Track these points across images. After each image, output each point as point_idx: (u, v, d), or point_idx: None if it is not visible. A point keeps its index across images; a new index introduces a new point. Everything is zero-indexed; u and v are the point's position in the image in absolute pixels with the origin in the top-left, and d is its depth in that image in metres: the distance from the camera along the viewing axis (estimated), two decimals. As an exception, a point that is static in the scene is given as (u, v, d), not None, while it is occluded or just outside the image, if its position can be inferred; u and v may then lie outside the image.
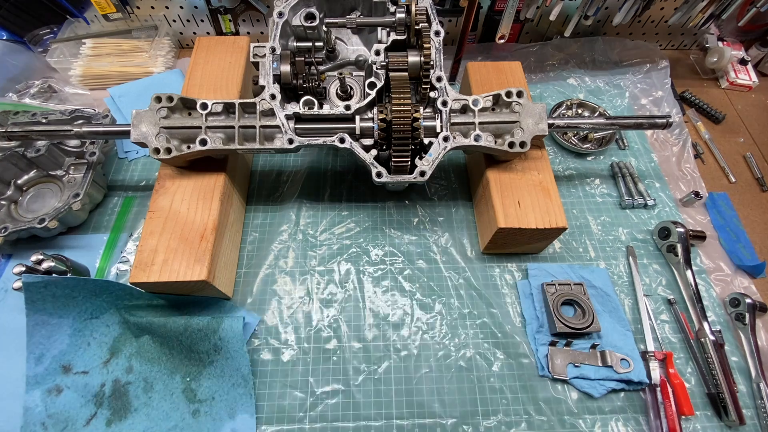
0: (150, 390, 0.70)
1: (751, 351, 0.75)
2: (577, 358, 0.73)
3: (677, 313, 0.79)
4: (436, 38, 0.73)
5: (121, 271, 0.81)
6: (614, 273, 0.83)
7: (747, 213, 0.94)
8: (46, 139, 0.79)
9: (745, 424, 0.69)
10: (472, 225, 0.87)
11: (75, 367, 0.70)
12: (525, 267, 0.83)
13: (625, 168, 0.95)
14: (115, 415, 0.68)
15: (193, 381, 0.70)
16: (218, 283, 0.71)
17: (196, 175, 0.76)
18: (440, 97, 0.72)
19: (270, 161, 0.95)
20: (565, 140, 0.98)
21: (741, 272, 0.86)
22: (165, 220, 0.71)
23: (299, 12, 0.75)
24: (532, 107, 0.74)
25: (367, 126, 0.70)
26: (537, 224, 0.73)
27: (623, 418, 0.70)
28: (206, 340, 0.70)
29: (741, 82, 1.14)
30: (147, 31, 1.08)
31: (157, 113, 0.71)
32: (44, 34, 1.07)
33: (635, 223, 0.90)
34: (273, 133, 0.72)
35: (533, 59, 1.14)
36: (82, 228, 0.85)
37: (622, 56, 1.15)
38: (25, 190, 0.85)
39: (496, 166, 0.80)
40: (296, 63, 0.72)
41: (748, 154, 1.03)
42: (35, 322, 0.70)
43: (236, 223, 0.82)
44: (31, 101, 1.00)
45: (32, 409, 0.67)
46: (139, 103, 0.76)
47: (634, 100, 1.10)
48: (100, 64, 1.03)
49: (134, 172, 0.92)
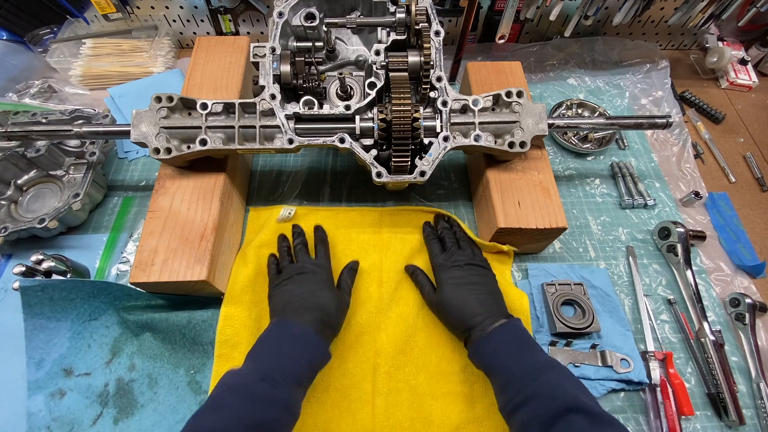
0: (155, 385, 0.70)
1: (751, 351, 0.75)
2: (577, 358, 0.73)
3: (677, 313, 0.79)
4: (436, 38, 0.73)
5: (122, 271, 0.81)
6: (614, 273, 0.83)
7: (747, 213, 0.94)
8: (46, 139, 0.79)
9: (745, 424, 0.69)
10: (472, 225, 0.87)
11: (77, 370, 0.70)
12: (525, 267, 0.83)
13: (625, 168, 0.95)
14: (121, 413, 0.68)
15: (198, 373, 0.71)
16: (218, 283, 0.71)
17: (196, 175, 0.76)
18: (440, 97, 0.72)
19: (270, 161, 0.95)
20: (565, 140, 0.98)
21: (741, 272, 0.86)
22: (165, 220, 0.71)
23: (299, 12, 0.75)
24: (532, 107, 0.74)
25: (367, 126, 0.70)
26: (537, 224, 0.73)
27: (623, 418, 0.70)
28: (210, 330, 0.70)
29: (741, 82, 1.14)
30: (147, 31, 1.08)
31: (157, 113, 0.71)
32: (44, 34, 1.07)
33: (635, 223, 0.90)
34: (273, 133, 0.72)
35: (533, 59, 1.14)
36: (82, 228, 0.85)
37: (622, 56, 1.15)
38: (25, 190, 0.85)
39: (496, 166, 0.80)
40: (296, 63, 0.72)
41: (748, 154, 1.03)
42: (33, 327, 0.70)
43: (236, 223, 0.82)
44: (31, 101, 1.00)
45: (36, 414, 0.66)
46: (139, 103, 0.76)
47: (634, 100, 1.10)
48: (100, 64, 1.03)
49: (134, 172, 0.92)
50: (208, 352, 0.71)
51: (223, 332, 0.70)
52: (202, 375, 0.70)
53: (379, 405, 0.68)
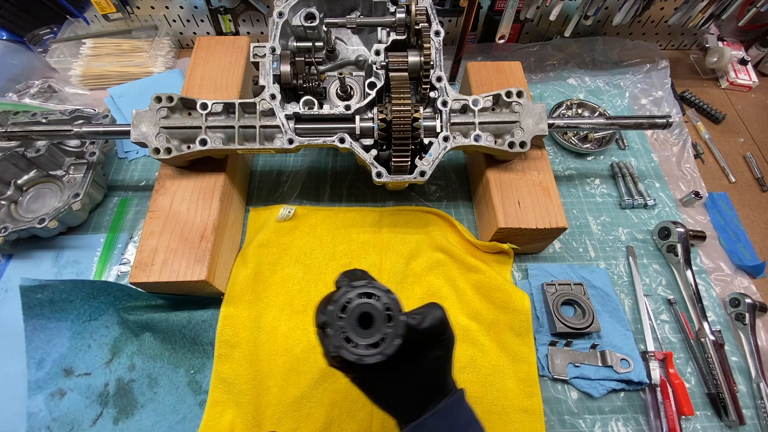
0: (155, 385, 0.70)
1: (751, 351, 0.75)
2: (577, 358, 0.73)
3: (677, 313, 0.79)
4: (436, 38, 0.73)
5: (122, 272, 0.81)
6: (614, 273, 0.83)
7: (747, 213, 0.94)
8: (46, 139, 0.79)
9: (745, 424, 0.69)
10: (472, 225, 0.87)
11: (77, 370, 0.70)
12: (525, 267, 0.83)
13: (625, 168, 0.95)
14: (121, 413, 0.68)
15: (198, 373, 0.71)
16: (218, 283, 0.71)
17: (196, 175, 0.76)
18: (440, 97, 0.72)
19: (270, 161, 0.95)
20: (565, 140, 0.98)
21: (741, 272, 0.86)
22: (165, 220, 0.71)
23: (299, 12, 0.75)
24: (532, 107, 0.74)
25: (367, 126, 0.70)
26: (537, 224, 0.73)
27: (623, 418, 0.70)
28: (210, 330, 0.70)
29: (741, 82, 1.14)
30: (147, 31, 1.08)
31: (157, 113, 0.71)
32: (44, 34, 1.07)
33: (635, 223, 0.90)
34: (273, 133, 0.72)
35: (533, 59, 1.14)
36: (82, 228, 0.85)
37: (622, 56, 1.15)
38: (25, 190, 0.85)
39: (496, 166, 0.80)
40: (296, 63, 0.72)
41: (748, 154, 1.03)
42: (33, 327, 0.70)
43: (236, 223, 0.82)
44: (31, 101, 1.00)
45: (36, 414, 0.67)
46: (139, 103, 0.76)
47: (634, 100, 1.10)
48: (100, 64, 1.03)
49: (134, 172, 0.92)
50: (208, 352, 0.71)
51: (223, 332, 0.70)
52: (202, 375, 0.70)
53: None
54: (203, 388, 0.69)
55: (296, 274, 0.78)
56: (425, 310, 0.44)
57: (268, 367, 0.70)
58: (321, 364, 0.70)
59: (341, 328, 0.40)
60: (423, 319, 0.43)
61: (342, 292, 0.40)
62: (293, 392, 0.69)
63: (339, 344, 0.39)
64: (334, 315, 0.40)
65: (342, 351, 0.39)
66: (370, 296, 0.40)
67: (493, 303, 0.75)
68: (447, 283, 0.78)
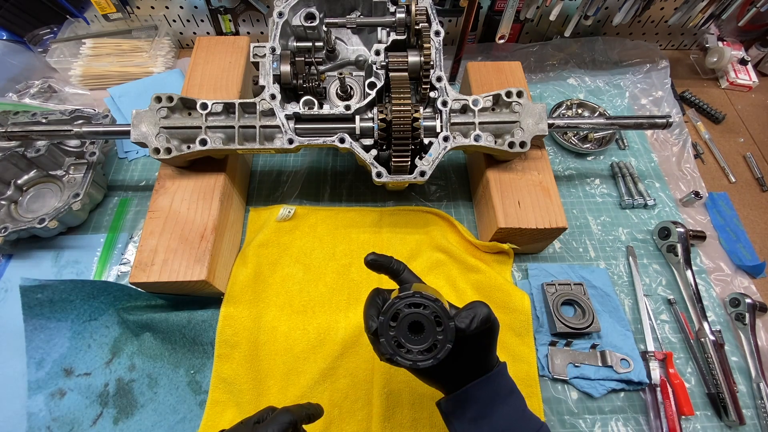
0: (155, 385, 0.70)
1: (751, 351, 0.75)
2: (577, 358, 0.73)
3: (677, 313, 0.79)
4: (436, 38, 0.73)
5: (122, 272, 0.81)
6: (614, 273, 0.83)
7: (747, 213, 0.94)
8: (46, 139, 0.79)
9: (745, 424, 0.69)
10: (472, 225, 0.87)
11: (77, 370, 0.70)
12: (525, 267, 0.83)
13: (625, 168, 0.95)
14: (121, 413, 0.68)
15: (198, 373, 0.71)
16: (218, 283, 0.71)
17: (196, 175, 0.76)
18: (440, 97, 0.72)
19: (270, 161, 0.95)
20: (565, 140, 0.98)
21: (741, 272, 0.86)
22: (165, 220, 0.71)
23: (299, 12, 0.75)
24: (532, 107, 0.74)
25: (367, 126, 0.70)
26: (537, 224, 0.73)
27: (623, 418, 0.70)
28: (210, 330, 0.70)
29: (741, 82, 1.14)
30: (147, 31, 1.08)
31: (157, 113, 0.71)
32: (44, 34, 1.07)
33: (635, 223, 0.90)
34: (273, 133, 0.72)
35: (533, 59, 1.14)
36: (82, 228, 0.85)
37: (622, 56, 1.15)
38: (25, 190, 0.85)
39: (496, 166, 0.80)
40: (296, 63, 0.72)
41: (748, 154, 1.03)
42: (33, 327, 0.70)
43: (236, 223, 0.82)
44: (31, 101, 1.00)
45: (36, 414, 0.67)
46: (139, 103, 0.76)
47: (634, 100, 1.10)
48: (100, 64, 1.03)
49: (134, 172, 0.92)
50: (208, 352, 0.71)
51: (223, 332, 0.70)
52: (202, 375, 0.70)
53: (378, 405, 0.68)
54: (203, 388, 0.69)
55: (296, 274, 0.79)
56: (472, 312, 0.45)
57: (268, 367, 0.71)
58: (321, 364, 0.70)
59: (393, 336, 0.42)
60: (471, 321, 0.44)
61: (390, 303, 0.42)
62: (293, 392, 0.69)
63: (393, 351, 0.41)
64: (386, 325, 0.42)
65: (396, 357, 0.41)
66: (419, 306, 0.42)
67: (493, 303, 0.75)
68: (447, 283, 0.78)
